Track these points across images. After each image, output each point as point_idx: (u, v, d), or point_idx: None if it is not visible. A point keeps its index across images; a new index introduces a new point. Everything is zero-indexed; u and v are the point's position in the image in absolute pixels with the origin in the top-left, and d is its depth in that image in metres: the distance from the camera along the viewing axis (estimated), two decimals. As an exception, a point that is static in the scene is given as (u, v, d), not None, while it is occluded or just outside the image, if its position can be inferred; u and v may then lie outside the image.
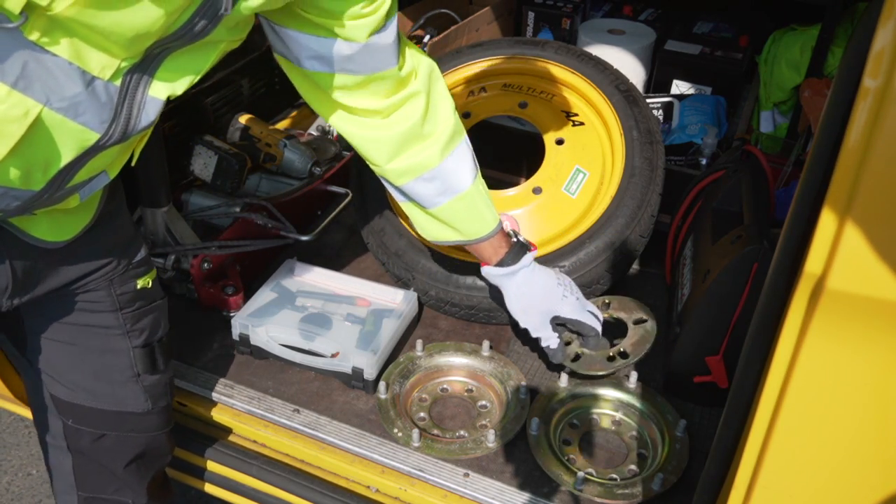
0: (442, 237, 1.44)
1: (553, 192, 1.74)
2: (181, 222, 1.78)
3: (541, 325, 1.43)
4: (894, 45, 0.71)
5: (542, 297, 1.45)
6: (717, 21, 2.66)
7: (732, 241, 1.45)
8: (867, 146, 0.73)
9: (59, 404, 1.28)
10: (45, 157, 0.93)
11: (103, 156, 1.00)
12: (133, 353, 1.26)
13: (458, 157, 1.36)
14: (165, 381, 1.33)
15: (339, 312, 1.68)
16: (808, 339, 0.84)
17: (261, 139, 2.01)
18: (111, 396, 1.27)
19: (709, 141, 2.12)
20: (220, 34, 0.97)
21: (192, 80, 1.01)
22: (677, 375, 1.54)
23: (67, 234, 1.12)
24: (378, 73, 1.22)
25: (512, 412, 1.50)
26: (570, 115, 1.83)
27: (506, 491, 1.37)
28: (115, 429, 1.30)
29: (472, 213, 1.40)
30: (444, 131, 1.33)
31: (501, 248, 1.45)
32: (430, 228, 1.45)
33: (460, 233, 1.41)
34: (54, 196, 1.00)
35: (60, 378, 1.26)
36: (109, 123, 0.95)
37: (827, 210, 0.78)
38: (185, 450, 1.53)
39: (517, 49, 1.93)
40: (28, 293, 1.12)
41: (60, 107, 0.89)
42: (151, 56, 0.94)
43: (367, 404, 1.53)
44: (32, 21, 0.81)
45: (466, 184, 1.37)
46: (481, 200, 1.41)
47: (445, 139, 1.33)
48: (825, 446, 0.91)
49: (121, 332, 1.25)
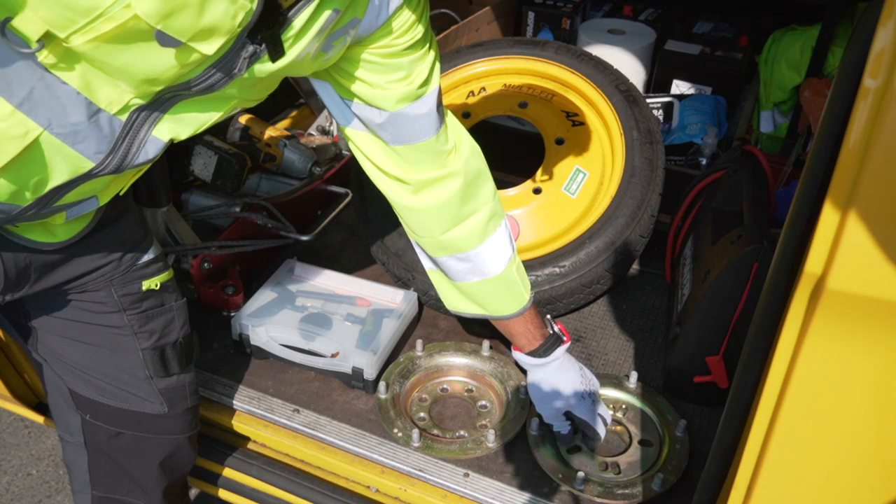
0: (464, 310, 1.40)
1: (553, 192, 1.74)
2: (181, 222, 1.78)
3: (554, 417, 1.42)
4: (894, 45, 0.71)
5: (563, 393, 1.42)
6: (717, 21, 2.66)
7: (732, 241, 1.45)
8: (867, 146, 0.73)
9: (77, 399, 1.27)
10: (37, 176, 0.93)
11: (95, 182, 0.99)
12: (143, 354, 1.25)
13: (496, 240, 1.31)
14: (184, 384, 1.31)
15: (339, 312, 1.68)
16: (808, 339, 0.84)
17: (261, 139, 2.01)
18: (125, 395, 1.27)
19: (709, 141, 2.12)
20: (233, 90, 0.96)
21: (198, 128, 1.00)
22: (677, 375, 1.54)
23: (62, 238, 1.11)
24: (412, 143, 1.18)
25: (512, 412, 1.50)
26: (570, 115, 1.83)
27: (506, 491, 1.37)
28: (132, 428, 1.29)
29: (501, 294, 1.35)
30: (483, 215, 1.29)
31: (535, 336, 1.40)
32: (453, 299, 1.40)
33: (484, 308, 1.37)
34: (40, 213, 0.99)
35: (77, 373, 1.25)
36: (106, 155, 0.95)
37: (827, 210, 0.78)
38: (185, 450, 1.53)
39: (517, 49, 1.93)
40: (20, 290, 1.11)
41: (60, 132, 0.89)
42: (162, 99, 0.93)
43: (367, 404, 1.53)
44: (49, 49, 0.81)
45: (500, 268, 1.32)
46: (513, 282, 1.35)
47: (483, 224, 1.29)
48: (825, 446, 0.91)
49: (129, 333, 1.24)
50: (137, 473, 1.34)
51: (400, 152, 1.20)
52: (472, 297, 1.37)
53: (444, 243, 1.29)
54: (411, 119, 1.15)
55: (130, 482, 1.35)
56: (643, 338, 1.71)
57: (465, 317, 1.43)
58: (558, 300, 1.66)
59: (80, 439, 1.31)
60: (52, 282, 1.14)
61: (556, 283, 1.64)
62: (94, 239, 1.15)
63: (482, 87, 1.95)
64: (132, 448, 1.31)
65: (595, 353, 1.67)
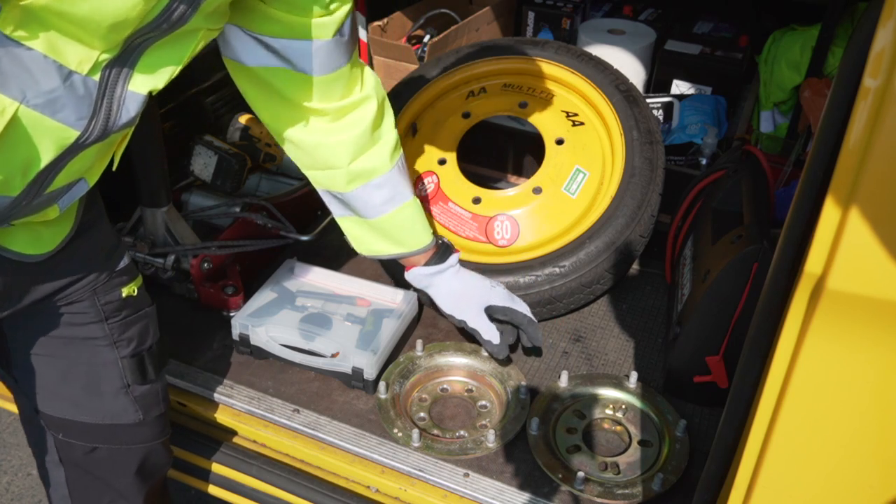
0: (380, 251, 1.45)
1: (553, 192, 1.74)
2: (181, 222, 1.78)
3: (477, 316, 1.46)
4: (894, 45, 0.71)
5: (473, 288, 1.49)
6: (717, 21, 2.66)
7: (732, 241, 1.45)
8: (867, 146, 0.73)
9: (47, 420, 1.24)
10: (24, 158, 0.91)
11: (83, 157, 0.98)
12: (122, 363, 1.23)
13: (402, 167, 1.40)
14: (157, 389, 1.30)
15: (339, 312, 1.68)
16: (808, 339, 0.84)
17: (261, 139, 2.01)
18: (101, 409, 1.24)
19: (709, 141, 2.12)
20: (199, 21, 0.95)
21: (172, 71, 0.98)
22: (677, 375, 1.54)
23: (47, 247, 1.09)
24: (335, 72, 1.23)
25: (512, 412, 1.50)
26: (570, 115, 1.83)
27: (506, 491, 1.37)
28: (107, 442, 1.27)
29: (416, 223, 1.42)
30: (391, 138, 1.36)
31: (429, 251, 1.51)
32: (368, 241, 1.46)
33: (401, 244, 1.43)
34: (32, 203, 0.97)
35: (48, 393, 1.22)
36: (89, 120, 0.93)
37: (827, 210, 0.78)
38: (184, 450, 1.53)
39: (517, 49, 1.93)
40: (8, 308, 1.09)
41: (37, 103, 0.87)
42: (130, 49, 0.92)
43: (367, 404, 1.53)
44: (6, 13, 0.79)
45: (411, 193, 1.40)
46: (421, 212, 1.45)
47: (392, 146, 1.36)
48: (825, 446, 0.91)
49: (108, 343, 1.22)
50: (117, 484, 1.32)
51: (322, 82, 1.22)
52: (389, 234, 1.41)
53: (358, 172, 1.33)
54: (340, 47, 1.19)
55: (111, 492, 1.33)
56: (643, 338, 1.71)
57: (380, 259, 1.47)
58: (558, 300, 1.66)
59: (56, 457, 1.29)
60: (39, 294, 1.12)
61: (556, 283, 1.64)
62: (75, 246, 1.14)
63: (482, 87, 1.95)
64: (109, 460, 1.29)
65: (595, 353, 1.67)
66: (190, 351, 1.65)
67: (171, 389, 1.59)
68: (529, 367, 1.62)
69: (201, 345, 1.67)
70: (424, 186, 1.83)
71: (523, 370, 1.60)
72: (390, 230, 1.41)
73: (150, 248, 1.72)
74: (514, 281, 1.64)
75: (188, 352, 1.65)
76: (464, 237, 1.77)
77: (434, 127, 1.90)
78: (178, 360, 1.62)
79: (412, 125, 1.95)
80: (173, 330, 1.72)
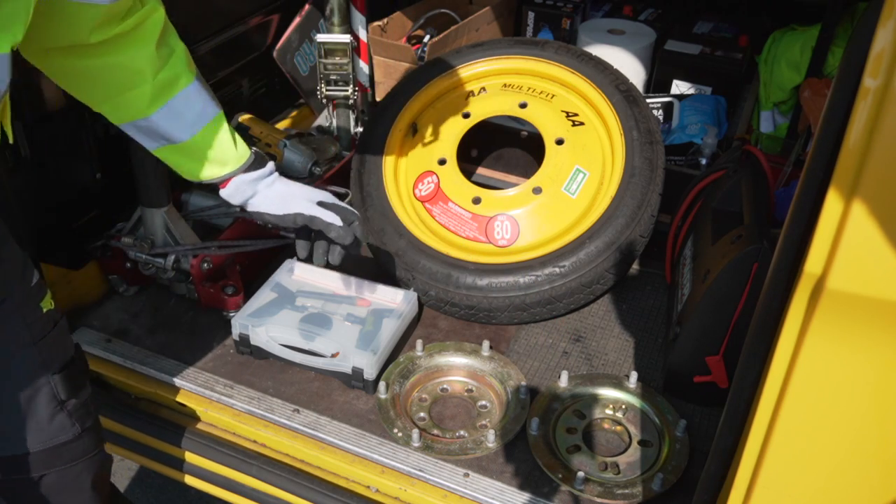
0: (210, 175, 1.37)
1: (553, 192, 1.74)
2: (181, 222, 1.78)
3: (310, 206, 1.40)
4: (894, 45, 0.71)
5: (299, 188, 1.42)
6: (717, 21, 2.66)
7: (732, 241, 1.45)
8: (867, 146, 0.74)
9: None
10: None
11: None
12: (53, 381, 1.20)
13: (203, 81, 1.32)
14: (86, 398, 1.27)
15: (339, 312, 1.68)
16: (808, 339, 0.84)
17: (260, 139, 2.01)
18: (39, 434, 1.20)
19: (709, 141, 2.12)
20: None
21: (25, 20, 0.92)
22: (677, 375, 1.54)
23: None
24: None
25: (512, 412, 1.50)
26: (570, 115, 1.83)
27: (506, 491, 1.37)
28: (53, 466, 1.23)
29: (232, 135, 1.35)
30: (182, 48, 1.29)
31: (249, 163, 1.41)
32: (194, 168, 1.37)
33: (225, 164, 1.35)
34: None
35: None
36: None
37: (827, 210, 0.78)
38: (184, 450, 1.53)
39: (517, 49, 1.93)
40: None
41: None
42: None
43: (367, 404, 1.53)
44: None
45: (218, 106, 1.33)
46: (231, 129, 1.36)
47: (187, 57, 1.29)
48: (825, 446, 0.91)
49: (39, 364, 1.18)
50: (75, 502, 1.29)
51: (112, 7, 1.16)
52: (210, 155, 1.34)
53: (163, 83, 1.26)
54: None
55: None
56: (643, 338, 1.71)
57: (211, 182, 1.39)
58: (558, 300, 1.66)
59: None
60: None
61: (556, 283, 1.64)
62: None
63: (482, 87, 1.95)
64: (60, 483, 1.26)
65: (595, 353, 1.67)
66: (190, 351, 1.65)
67: (171, 389, 1.59)
68: (529, 367, 1.62)
69: (201, 345, 1.67)
70: (424, 186, 1.83)
71: (523, 370, 1.60)
72: (209, 150, 1.34)
73: (150, 248, 1.72)
74: (514, 281, 1.64)
75: (188, 352, 1.65)
76: (464, 237, 1.77)
77: (434, 127, 1.90)
78: (178, 360, 1.62)
79: (412, 125, 1.95)
80: (173, 330, 1.72)
